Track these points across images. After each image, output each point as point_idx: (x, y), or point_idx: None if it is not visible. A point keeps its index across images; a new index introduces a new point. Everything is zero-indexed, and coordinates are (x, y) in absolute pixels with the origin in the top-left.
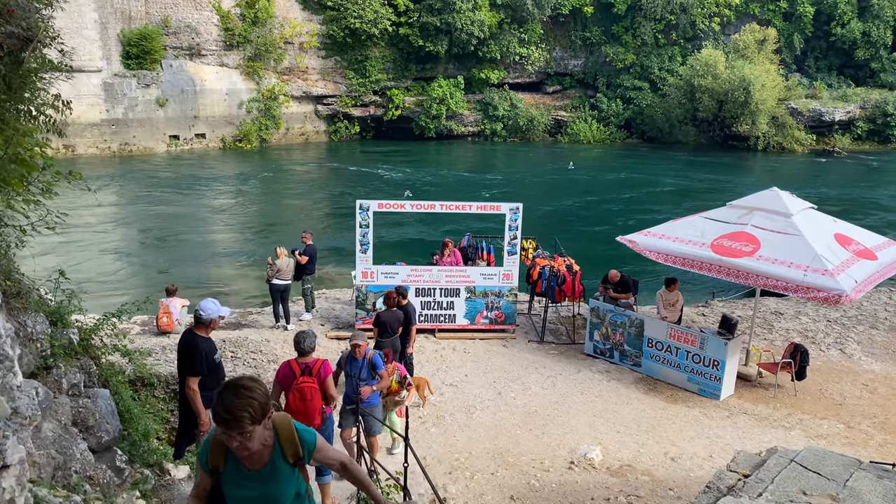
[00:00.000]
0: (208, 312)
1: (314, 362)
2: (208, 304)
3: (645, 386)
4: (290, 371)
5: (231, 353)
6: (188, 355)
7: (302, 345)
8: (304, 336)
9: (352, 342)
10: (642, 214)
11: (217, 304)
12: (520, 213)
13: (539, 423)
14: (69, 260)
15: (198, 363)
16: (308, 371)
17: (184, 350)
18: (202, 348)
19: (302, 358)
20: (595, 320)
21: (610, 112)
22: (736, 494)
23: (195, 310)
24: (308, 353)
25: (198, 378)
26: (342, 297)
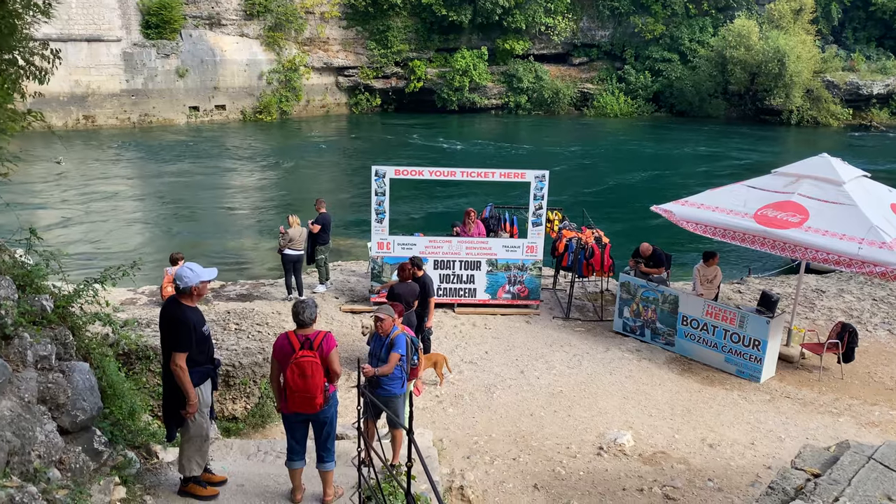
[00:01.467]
0: (186, 280)
1: (315, 335)
2: (184, 270)
3: (678, 366)
4: (289, 344)
5: (235, 325)
6: (173, 328)
7: (301, 315)
8: (304, 306)
9: (375, 315)
10: (673, 187)
11: (197, 269)
12: (546, 182)
13: (565, 405)
14: (86, 230)
15: (184, 337)
16: (308, 344)
17: (168, 322)
18: (189, 320)
19: (301, 330)
20: (625, 296)
21: (638, 85)
22: (807, 498)
23: (174, 279)
24: (308, 325)
25: (185, 354)
26: (358, 269)
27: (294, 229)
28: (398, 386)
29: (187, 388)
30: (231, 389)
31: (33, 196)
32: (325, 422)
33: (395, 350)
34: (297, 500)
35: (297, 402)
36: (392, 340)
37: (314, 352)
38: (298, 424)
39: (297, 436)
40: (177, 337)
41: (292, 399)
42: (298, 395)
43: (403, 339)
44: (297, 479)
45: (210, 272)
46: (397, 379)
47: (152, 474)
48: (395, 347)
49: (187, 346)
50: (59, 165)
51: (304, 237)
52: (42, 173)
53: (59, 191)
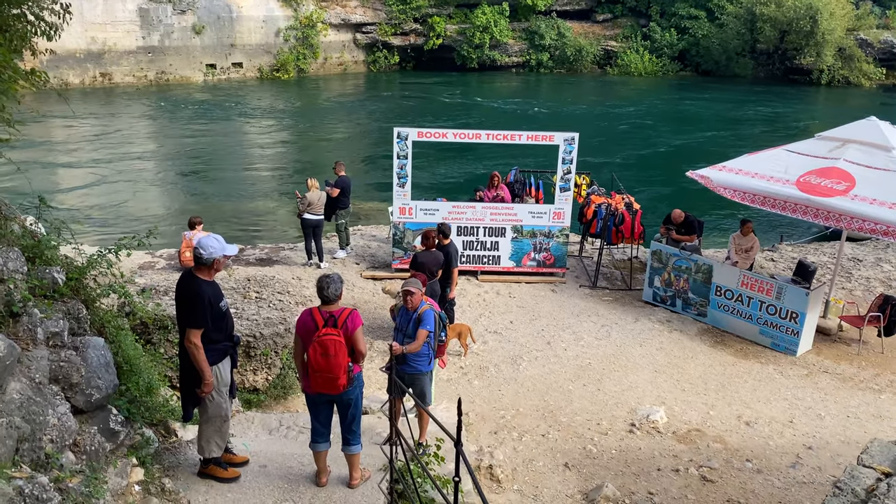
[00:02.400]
0: (210, 251)
1: (340, 312)
2: (209, 240)
3: (711, 338)
4: (312, 321)
5: (256, 294)
6: (189, 303)
7: (325, 291)
8: (329, 281)
9: (404, 288)
10: (702, 150)
11: (221, 241)
12: (575, 145)
13: (594, 378)
14: (102, 191)
15: (200, 313)
16: (333, 322)
17: (183, 297)
18: (205, 295)
19: (326, 306)
20: (656, 264)
21: (663, 42)
22: (880, 501)
23: (194, 248)
24: (333, 301)
25: (200, 331)
26: (378, 234)
27: (312, 193)
28: (425, 363)
29: (202, 367)
30: (252, 360)
31: (49, 156)
32: (350, 403)
33: (423, 326)
34: (321, 482)
35: (320, 382)
36: (420, 316)
37: (338, 330)
38: (322, 405)
39: (322, 418)
40: (192, 312)
41: (314, 379)
42: (321, 376)
43: (432, 314)
44: (322, 462)
45: (232, 248)
46: (424, 356)
47: (171, 454)
48: (424, 323)
49: (203, 322)
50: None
51: (322, 201)
52: (57, 133)
53: (75, 151)
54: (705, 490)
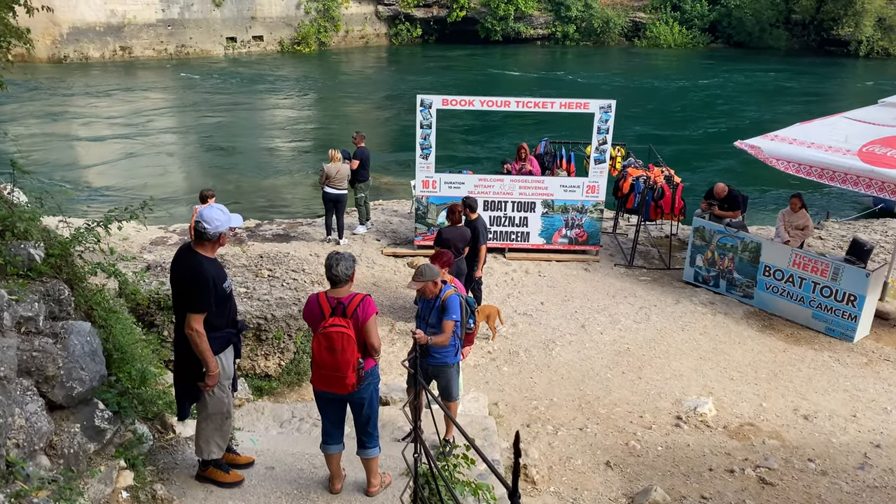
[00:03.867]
0: (216, 224)
1: (350, 298)
2: (213, 211)
3: (758, 322)
4: (318, 308)
5: (269, 272)
6: (189, 284)
7: (333, 269)
8: (338, 258)
9: (415, 280)
10: (740, 123)
11: (225, 212)
12: (612, 113)
13: (634, 365)
14: (119, 165)
15: (203, 295)
16: (341, 310)
17: (183, 277)
18: (208, 274)
19: (334, 290)
20: (699, 242)
21: (694, 14)
22: None
23: (196, 220)
24: (343, 283)
25: (203, 315)
26: (400, 209)
27: (331, 165)
28: (451, 354)
29: (206, 356)
30: (263, 344)
31: (67, 129)
32: (363, 403)
33: (448, 317)
34: (335, 489)
35: (326, 379)
36: (444, 303)
37: (347, 320)
38: (331, 404)
39: (332, 417)
40: (193, 294)
41: (319, 376)
42: (326, 373)
43: (457, 300)
44: (336, 466)
45: (237, 218)
46: (451, 346)
47: (167, 452)
48: (449, 313)
49: (206, 305)
50: (93, 98)
51: (343, 174)
52: (76, 107)
53: (93, 125)
54: (765, 494)
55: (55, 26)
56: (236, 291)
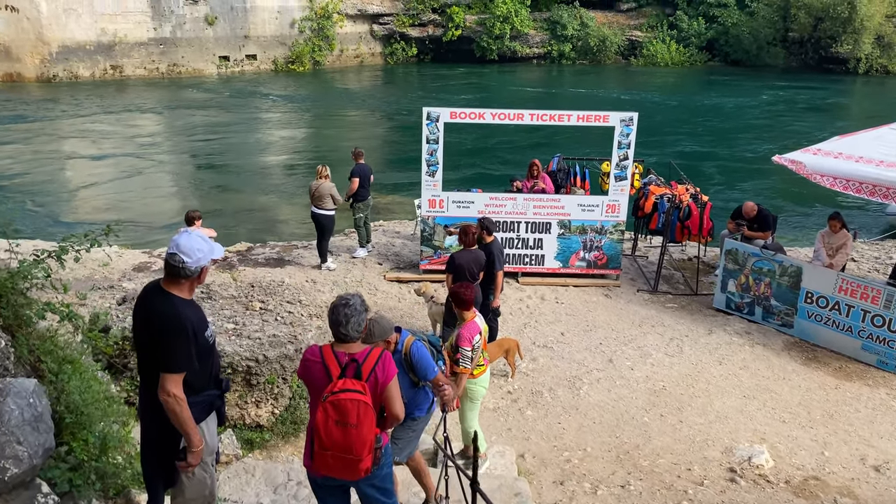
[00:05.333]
0: (196, 255)
1: (366, 353)
2: (192, 240)
3: (801, 354)
4: (322, 366)
5: (261, 304)
6: (162, 336)
7: (342, 328)
8: (347, 313)
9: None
10: (749, 141)
11: (206, 241)
12: (634, 127)
13: (672, 407)
14: (106, 186)
15: (181, 350)
16: (354, 370)
17: (153, 326)
18: (187, 323)
19: (343, 345)
20: (731, 266)
21: (690, 32)
22: None
23: (168, 253)
24: (352, 341)
25: (181, 376)
26: (402, 230)
27: (313, 182)
28: (423, 406)
29: (188, 428)
30: (254, 390)
31: (56, 148)
32: (373, 491)
33: (427, 374)
34: None
35: (331, 463)
36: (409, 358)
37: (362, 383)
38: (334, 494)
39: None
40: (168, 350)
41: (322, 459)
42: (333, 454)
43: (425, 349)
44: None
45: (219, 248)
46: (423, 398)
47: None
48: (423, 369)
49: (185, 363)
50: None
51: (321, 192)
52: (64, 127)
53: (81, 144)
54: None
55: (44, 45)
56: (223, 329)
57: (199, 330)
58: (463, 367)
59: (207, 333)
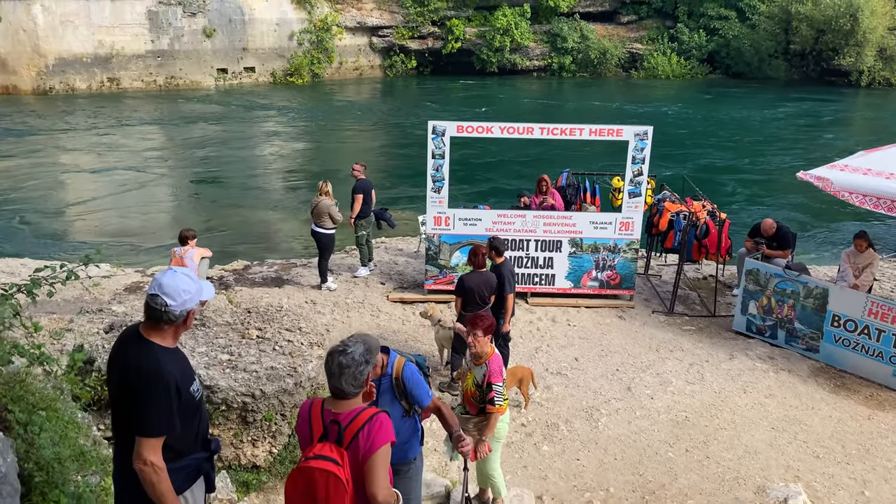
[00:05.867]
0: (182, 298)
1: (353, 416)
2: (178, 280)
3: (829, 381)
4: (308, 424)
5: (258, 332)
6: (139, 393)
7: (334, 380)
8: (342, 363)
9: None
10: (765, 155)
11: (194, 281)
12: (648, 141)
13: (697, 440)
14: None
15: (161, 411)
16: (336, 433)
17: (129, 381)
18: (169, 377)
19: (335, 402)
20: (752, 287)
21: (691, 44)
22: None
23: (148, 294)
24: (346, 397)
25: (161, 440)
26: (405, 247)
27: (314, 199)
28: (414, 445)
29: (166, 501)
30: (250, 428)
31: (51, 163)
32: None
33: (423, 398)
34: None
35: None
36: (401, 380)
37: (341, 450)
38: None
39: None
40: (146, 410)
41: None
42: None
43: (416, 370)
44: None
45: (208, 288)
46: (411, 432)
47: None
48: (419, 392)
49: (165, 425)
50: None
51: (320, 209)
52: (60, 140)
53: (76, 158)
54: None
55: (40, 57)
56: (217, 360)
57: (183, 385)
58: (499, 405)
59: (193, 388)
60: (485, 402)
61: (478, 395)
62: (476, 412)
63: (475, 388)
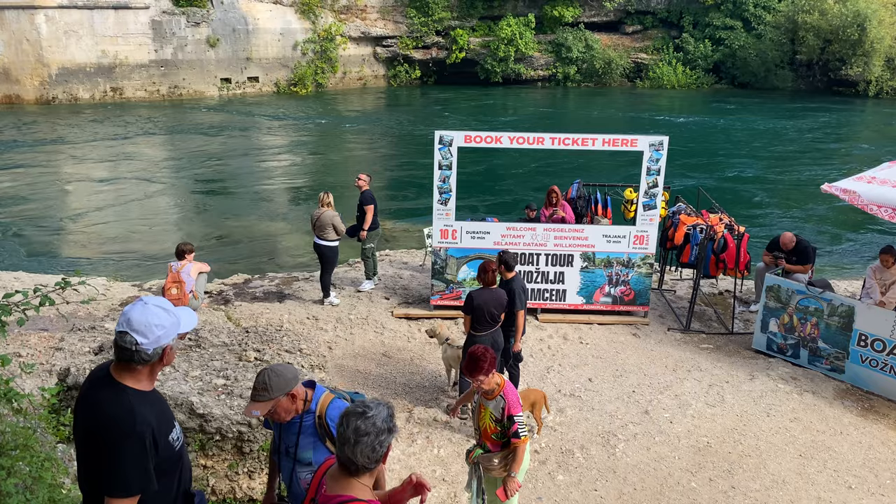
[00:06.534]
0: (156, 334)
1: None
2: (148, 314)
3: (856, 403)
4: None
5: (256, 354)
6: (107, 446)
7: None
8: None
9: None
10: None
11: (169, 313)
12: (664, 152)
13: (721, 469)
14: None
15: (132, 467)
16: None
17: (97, 432)
18: (142, 428)
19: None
20: (773, 304)
21: (697, 54)
22: None
23: (116, 331)
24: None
25: (133, 501)
26: (410, 260)
27: (316, 211)
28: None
29: None
30: (247, 458)
31: (52, 174)
32: None
33: None
34: None
35: None
36: (325, 420)
37: None
38: None
39: None
40: (116, 466)
41: None
42: None
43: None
44: None
45: (189, 318)
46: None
47: None
48: None
49: (137, 482)
50: (80, 141)
51: (323, 221)
52: (63, 150)
53: (78, 168)
54: None
55: (44, 67)
56: (212, 384)
57: (161, 435)
58: (524, 437)
59: (173, 437)
60: (508, 437)
61: (498, 430)
62: (499, 448)
63: (494, 423)
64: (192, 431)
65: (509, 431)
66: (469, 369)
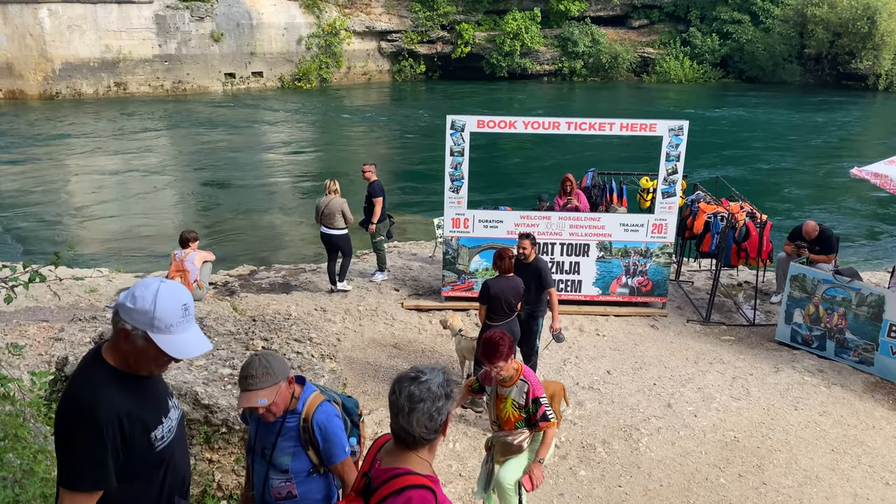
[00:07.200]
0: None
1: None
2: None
3: (887, 396)
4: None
5: (263, 342)
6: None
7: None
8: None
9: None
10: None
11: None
12: (684, 137)
13: (751, 464)
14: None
15: (88, 459)
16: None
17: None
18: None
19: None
20: (798, 294)
21: (704, 49)
22: None
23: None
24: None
25: (89, 499)
26: (419, 251)
27: (322, 199)
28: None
29: None
30: None
31: (56, 168)
32: None
33: (337, 455)
34: None
35: None
36: (310, 424)
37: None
38: None
39: None
40: (71, 454)
41: None
42: None
43: (333, 416)
44: None
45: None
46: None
47: None
48: (332, 444)
49: (93, 478)
50: (85, 135)
51: (331, 209)
52: (68, 144)
53: (83, 162)
54: None
55: (47, 62)
56: (217, 374)
57: (134, 427)
58: (552, 419)
59: (156, 434)
60: (536, 422)
61: (523, 417)
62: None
63: (518, 411)
64: (197, 423)
65: (536, 415)
66: (487, 355)
